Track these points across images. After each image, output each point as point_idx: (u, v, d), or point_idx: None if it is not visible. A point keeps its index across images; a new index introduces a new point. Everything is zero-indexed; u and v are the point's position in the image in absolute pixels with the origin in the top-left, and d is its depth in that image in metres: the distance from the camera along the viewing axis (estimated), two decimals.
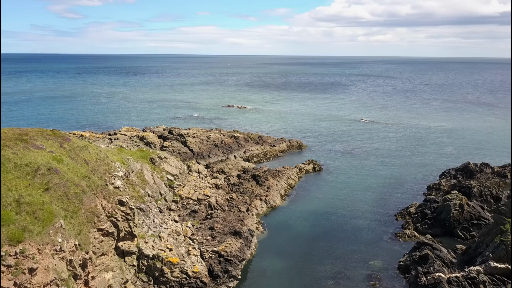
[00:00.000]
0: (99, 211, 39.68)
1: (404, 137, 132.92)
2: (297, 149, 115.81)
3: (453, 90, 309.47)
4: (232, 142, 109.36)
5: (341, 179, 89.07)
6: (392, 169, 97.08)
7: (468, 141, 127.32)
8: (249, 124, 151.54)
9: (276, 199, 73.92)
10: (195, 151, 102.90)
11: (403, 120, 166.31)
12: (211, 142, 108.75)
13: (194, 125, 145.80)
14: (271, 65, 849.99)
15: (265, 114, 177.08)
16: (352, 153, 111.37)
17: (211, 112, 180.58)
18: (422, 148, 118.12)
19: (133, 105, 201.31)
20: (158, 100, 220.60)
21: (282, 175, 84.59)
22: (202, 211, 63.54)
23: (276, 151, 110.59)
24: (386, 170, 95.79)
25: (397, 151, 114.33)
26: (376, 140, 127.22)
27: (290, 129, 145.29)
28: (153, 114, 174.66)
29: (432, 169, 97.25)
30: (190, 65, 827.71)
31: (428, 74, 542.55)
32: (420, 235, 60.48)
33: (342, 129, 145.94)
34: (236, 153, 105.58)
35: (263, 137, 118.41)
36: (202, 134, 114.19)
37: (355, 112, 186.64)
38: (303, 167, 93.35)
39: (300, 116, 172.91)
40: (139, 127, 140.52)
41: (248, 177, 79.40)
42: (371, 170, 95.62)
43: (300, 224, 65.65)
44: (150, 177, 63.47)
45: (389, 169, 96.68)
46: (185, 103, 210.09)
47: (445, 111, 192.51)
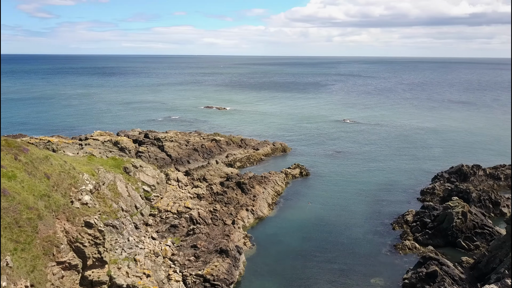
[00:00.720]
0: (60, 239, 33.04)
1: (390, 138, 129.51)
2: (281, 152, 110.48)
3: (431, 89, 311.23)
4: (213, 146, 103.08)
5: (330, 184, 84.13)
6: (381, 172, 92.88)
7: (454, 142, 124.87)
8: (230, 126, 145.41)
9: (264, 208, 68.20)
10: (173, 157, 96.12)
11: (386, 120, 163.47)
12: (190, 147, 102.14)
13: (172, 128, 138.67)
14: (249, 65, 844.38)
15: (246, 115, 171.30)
16: (338, 156, 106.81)
17: (189, 114, 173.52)
18: (409, 149, 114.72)
19: (107, 107, 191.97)
20: (134, 102, 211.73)
21: (269, 181, 78.97)
22: (183, 226, 57.19)
23: (260, 154, 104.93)
24: (375, 174, 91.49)
25: (384, 153, 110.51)
26: (362, 142, 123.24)
27: (272, 130, 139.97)
28: (128, 116, 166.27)
29: (422, 171, 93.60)
30: (167, 65, 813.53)
31: (404, 74, 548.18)
32: (421, 247, 55.93)
33: (326, 130, 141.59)
34: (218, 158, 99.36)
35: (246, 140, 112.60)
36: (180, 138, 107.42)
37: (337, 112, 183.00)
38: (289, 172, 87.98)
39: (281, 117, 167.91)
40: (113, 131, 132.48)
41: (232, 185, 73.41)
42: (360, 174, 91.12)
43: (291, 237, 60.11)
44: (124, 189, 56.74)
45: (378, 173, 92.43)
46: (162, 105, 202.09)
47: (426, 110, 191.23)
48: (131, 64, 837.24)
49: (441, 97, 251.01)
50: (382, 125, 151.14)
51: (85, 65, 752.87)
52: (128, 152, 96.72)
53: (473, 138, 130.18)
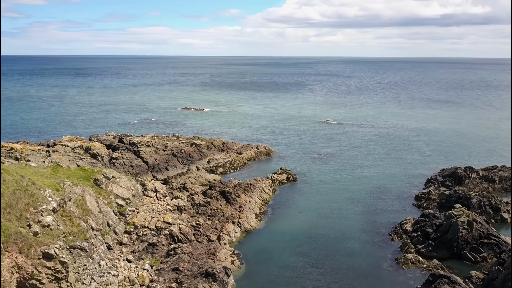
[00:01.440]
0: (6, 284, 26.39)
1: (375, 139, 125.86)
2: (265, 156, 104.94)
3: (408, 88, 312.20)
4: (193, 151, 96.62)
5: (319, 191, 79.07)
6: (371, 176, 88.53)
7: (441, 142, 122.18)
8: (210, 129, 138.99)
9: (251, 220, 62.41)
10: (150, 163, 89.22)
11: (369, 120, 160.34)
12: (168, 152, 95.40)
13: (148, 131, 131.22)
14: (226, 66, 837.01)
15: (226, 117, 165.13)
16: (325, 159, 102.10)
17: (166, 116, 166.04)
18: (396, 151, 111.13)
19: (79, 109, 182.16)
20: (108, 104, 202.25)
21: (255, 189, 73.25)
22: (162, 244, 50.84)
23: (244, 159, 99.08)
24: (365, 178, 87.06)
25: (372, 155, 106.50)
26: (347, 144, 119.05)
27: (254, 133, 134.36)
28: (101, 119, 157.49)
29: (413, 174, 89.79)
30: (142, 66, 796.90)
31: (381, 73, 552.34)
32: (425, 260, 51.34)
33: (310, 132, 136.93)
34: (199, 164, 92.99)
35: (228, 143, 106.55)
36: (157, 142, 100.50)
37: (320, 113, 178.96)
38: (276, 178, 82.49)
39: (263, 118, 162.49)
40: (84, 135, 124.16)
41: (216, 195, 67.35)
42: (349, 179, 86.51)
43: (282, 253, 54.56)
44: (94, 204, 49.96)
45: (368, 177, 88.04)
46: (138, 106, 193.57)
47: (409, 110, 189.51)
48: (105, 65, 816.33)
49: (421, 96, 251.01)
50: (366, 126, 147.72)
51: (57, 66, 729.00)
52: (101, 159, 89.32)
53: (460, 138, 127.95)
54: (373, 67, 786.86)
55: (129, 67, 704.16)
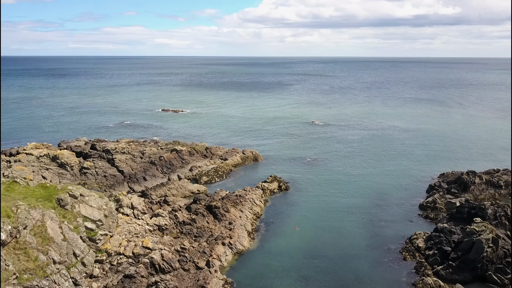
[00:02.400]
0: None
1: (365, 140, 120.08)
2: (252, 161, 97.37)
3: (390, 87, 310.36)
4: (174, 158, 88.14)
5: (315, 200, 72.06)
6: (367, 183, 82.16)
7: (433, 143, 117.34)
8: (190, 132, 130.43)
9: (243, 239, 54.69)
10: (126, 173, 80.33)
11: (355, 120, 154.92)
12: (146, 159, 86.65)
13: (124, 136, 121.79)
14: (204, 66, 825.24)
15: (208, 119, 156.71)
16: (315, 164, 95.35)
17: (143, 119, 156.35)
18: (388, 153, 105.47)
19: (48, 112, 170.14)
20: (80, 106, 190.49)
21: (245, 201, 65.61)
22: (142, 276, 42.63)
23: (229, 165, 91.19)
24: (361, 185, 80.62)
25: (364, 158, 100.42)
26: (337, 147, 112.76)
27: (238, 136, 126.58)
28: (72, 123, 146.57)
29: (411, 179, 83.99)
30: (117, 66, 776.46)
31: (359, 73, 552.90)
32: (446, 284, 44.81)
33: (296, 134, 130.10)
34: (180, 172, 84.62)
35: (211, 148, 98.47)
36: (134, 149, 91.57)
37: (304, 113, 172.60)
38: (267, 187, 75.02)
39: (246, 120, 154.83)
40: (53, 141, 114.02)
41: (202, 210, 59.38)
42: (345, 186, 79.90)
43: (281, 279, 47.13)
44: (57, 230, 41.40)
45: (363, 183, 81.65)
46: (113, 109, 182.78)
47: (393, 109, 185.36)
48: (79, 65, 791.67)
49: (404, 95, 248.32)
50: (353, 127, 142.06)
51: (28, 67, 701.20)
52: (70, 169, 79.96)
53: (452, 139, 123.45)
54: (350, 67, 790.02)
55: (103, 68, 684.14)
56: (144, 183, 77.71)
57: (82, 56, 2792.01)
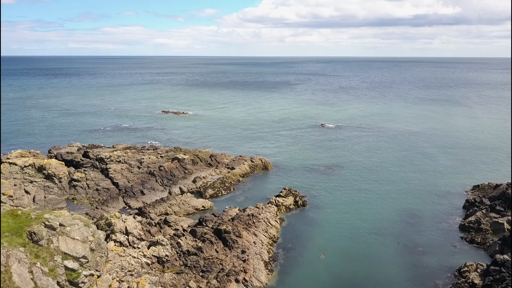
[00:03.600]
0: None
1: (382, 146, 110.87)
2: (262, 170, 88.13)
3: (396, 87, 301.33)
4: (176, 167, 78.89)
5: (336, 219, 62.85)
6: (394, 196, 72.99)
7: (454, 148, 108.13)
8: (193, 136, 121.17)
9: (260, 273, 45.46)
10: (121, 185, 71.12)
11: (366, 122, 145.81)
12: (144, 169, 77.41)
13: (120, 140, 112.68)
14: (205, 65, 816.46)
15: (210, 121, 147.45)
16: (332, 173, 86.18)
17: (142, 121, 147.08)
18: (411, 160, 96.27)
19: (41, 114, 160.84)
20: (76, 107, 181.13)
21: (258, 221, 56.41)
22: None
23: (237, 175, 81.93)
24: (387, 199, 71.47)
25: (384, 166, 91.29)
26: (352, 152, 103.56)
27: (244, 140, 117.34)
28: (66, 126, 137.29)
29: (442, 191, 74.84)
30: (116, 66, 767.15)
31: (362, 72, 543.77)
32: None
33: (306, 138, 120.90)
34: (183, 184, 75.38)
35: (216, 155, 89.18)
36: (131, 157, 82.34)
37: (312, 114, 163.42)
38: (281, 203, 65.82)
39: (252, 123, 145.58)
40: (44, 146, 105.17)
41: (210, 234, 50.19)
42: (369, 201, 70.68)
43: None
44: (26, 276, 32.23)
45: (390, 197, 72.49)
46: (110, 110, 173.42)
47: (404, 110, 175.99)
48: (78, 65, 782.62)
49: (411, 95, 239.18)
50: (366, 129, 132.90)
51: (26, 66, 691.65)
52: (58, 181, 70.75)
53: (477, 142, 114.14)
54: (352, 66, 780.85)
55: (103, 67, 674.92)
56: (142, 197, 68.46)
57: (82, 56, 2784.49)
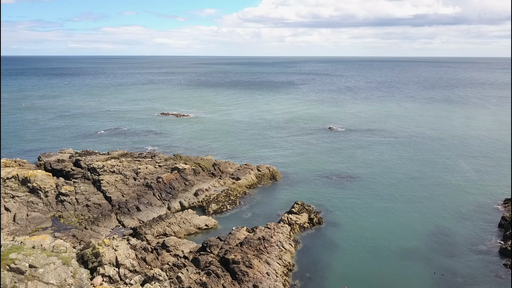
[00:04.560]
0: None
1: (397, 152, 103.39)
2: (270, 180, 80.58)
3: (401, 87, 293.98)
4: (175, 179, 71.39)
5: (358, 240, 55.33)
6: (417, 211, 65.54)
7: (474, 152, 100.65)
8: (194, 142, 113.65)
9: None
10: (114, 200, 63.63)
11: (377, 125, 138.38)
12: (141, 181, 69.94)
13: (116, 146, 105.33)
14: (205, 65, 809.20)
15: (212, 125, 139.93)
16: (346, 184, 78.66)
17: (140, 124, 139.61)
18: (431, 169, 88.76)
19: (34, 117, 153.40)
20: (72, 108, 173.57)
21: (271, 246, 48.94)
22: None
23: (243, 187, 74.45)
24: (410, 215, 64.03)
25: (403, 175, 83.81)
26: (366, 160, 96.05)
27: (248, 145, 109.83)
28: (60, 129, 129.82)
29: (472, 207, 67.39)
30: (117, 65, 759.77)
31: (364, 72, 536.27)
32: None
33: (315, 143, 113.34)
34: (183, 197, 67.89)
35: (220, 164, 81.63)
36: (126, 167, 74.87)
37: (319, 117, 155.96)
38: (295, 221, 58.33)
39: (255, 126, 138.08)
40: (34, 153, 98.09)
41: (215, 265, 42.72)
42: (389, 217, 63.21)
43: None
44: None
45: (413, 212, 65.04)
46: (107, 112, 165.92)
47: (414, 111, 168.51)
48: (77, 65, 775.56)
49: (419, 95, 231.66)
50: (376, 133, 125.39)
51: (24, 66, 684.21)
52: (44, 195, 63.31)
53: (496, 146, 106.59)
54: (353, 66, 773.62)
55: (103, 67, 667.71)
56: (138, 214, 60.95)
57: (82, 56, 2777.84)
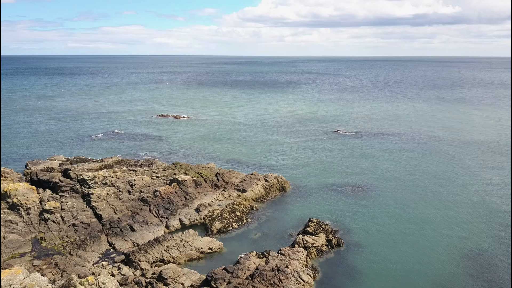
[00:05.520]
0: None
1: (413, 158, 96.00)
2: (278, 191, 73.11)
3: (407, 87, 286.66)
4: (174, 192, 63.98)
5: (386, 267, 48.00)
6: (446, 226, 58.31)
7: (503, 162, 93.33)
8: (194, 146, 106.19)
9: None
10: (105, 218, 56.19)
11: (387, 128, 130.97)
12: (136, 195, 62.51)
13: (111, 152, 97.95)
14: (206, 65, 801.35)
15: (214, 127, 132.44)
16: (363, 197, 71.32)
17: (138, 127, 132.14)
18: (452, 177, 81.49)
19: (26, 119, 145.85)
20: (67, 110, 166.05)
21: (286, 278, 41.57)
22: None
23: (250, 200, 67.06)
24: (440, 231, 56.84)
25: (424, 186, 76.48)
26: (381, 167, 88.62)
27: (253, 151, 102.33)
28: (53, 133, 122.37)
29: (504, 219, 60.04)
30: (115, 65, 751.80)
31: (366, 72, 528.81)
32: None
33: (323, 149, 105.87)
34: (183, 213, 60.48)
35: (224, 174, 74.13)
36: (120, 178, 67.48)
37: (326, 118, 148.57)
38: (311, 244, 50.93)
39: (259, 129, 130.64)
40: (21, 159, 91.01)
41: None
42: (416, 234, 55.93)
43: None
44: None
45: (443, 227, 57.79)
46: (103, 114, 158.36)
47: (424, 112, 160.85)
48: (76, 65, 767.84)
49: (426, 95, 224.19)
50: (387, 137, 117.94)
51: (23, 66, 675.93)
52: (26, 212, 55.96)
53: None
54: (354, 66, 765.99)
55: (102, 67, 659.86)
56: (131, 235, 53.52)
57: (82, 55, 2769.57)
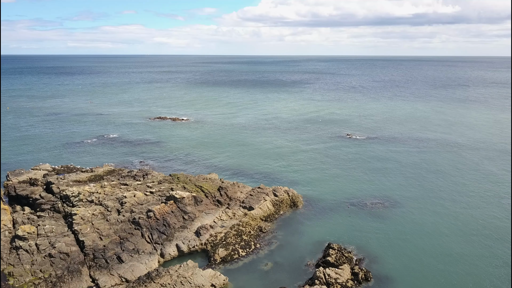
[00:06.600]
0: None
1: (433, 167, 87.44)
2: (290, 207, 64.58)
3: (411, 86, 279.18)
4: (171, 212, 55.30)
5: None
6: (488, 251, 49.75)
7: None
8: (194, 153, 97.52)
9: None
10: (88, 247, 47.47)
11: (400, 131, 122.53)
12: (126, 215, 53.80)
13: (103, 159, 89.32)
14: (206, 64, 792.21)
15: (214, 131, 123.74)
16: (386, 214, 62.84)
17: (134, 131, 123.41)
18: (481, 190, 73.09)
19: (16, 121, 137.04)
20: (59, 112, 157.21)
21: None
22: None
23: (257, 219, 58.39)
24: (482, 258, 48.28)
25: (450, 199, 68.15)
26: (399, 177, 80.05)
27: (258, 159, 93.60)
28: (41, 138, 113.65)
29: None
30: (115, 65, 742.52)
31: (368, 71, 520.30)
32: None
33: (334, 154, 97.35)
34: (181, 238, 51.79)
35: (227, 188, 65.42)
36: (109, 194, 58.83)
37: (333, 121, 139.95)
38: (334, 279, 42.35)
39: (263, 133, 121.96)
40: (4, 168, 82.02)
41: None
42: (455, 262, 47.45)
43: None
44: None
45: (484, 251, 49.26)
46: (97, 116, 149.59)
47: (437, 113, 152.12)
48: (76, 64, 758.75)
49: (434, 95, 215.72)
50: (402, 142, 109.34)
51: (22, 65, 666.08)
52: None
53: None
54: (355, 65, 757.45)
55: (101, 66, 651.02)
56: (119, 268, 44.83)
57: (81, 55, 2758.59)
